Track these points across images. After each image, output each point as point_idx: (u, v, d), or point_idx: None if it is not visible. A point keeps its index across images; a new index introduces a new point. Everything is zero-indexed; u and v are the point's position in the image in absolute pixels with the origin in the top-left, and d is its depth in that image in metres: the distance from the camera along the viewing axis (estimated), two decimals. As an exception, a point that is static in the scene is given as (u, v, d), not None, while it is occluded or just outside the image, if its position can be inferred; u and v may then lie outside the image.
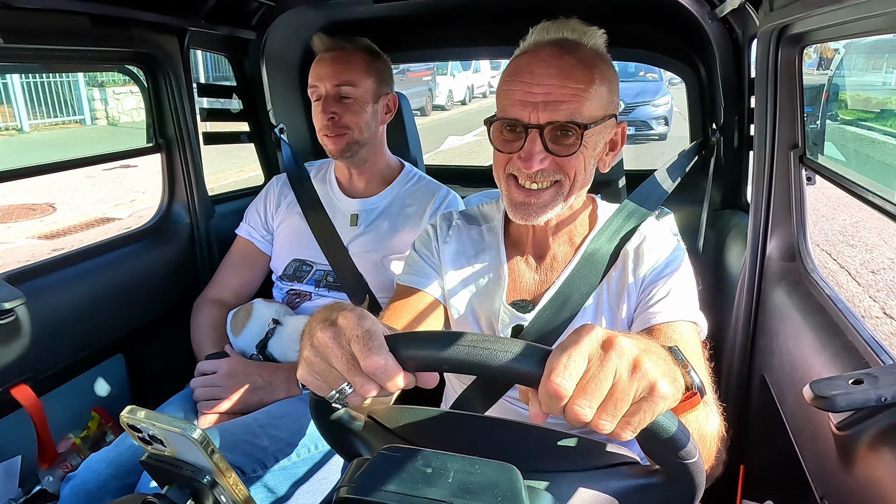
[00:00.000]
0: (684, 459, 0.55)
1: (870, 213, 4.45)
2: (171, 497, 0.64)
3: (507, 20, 1.79)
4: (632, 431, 0.52)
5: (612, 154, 1.00)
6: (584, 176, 0.94)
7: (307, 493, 1.22)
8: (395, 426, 0.69)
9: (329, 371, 0.57)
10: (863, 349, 0.90)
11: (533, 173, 0.90)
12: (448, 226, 1.13)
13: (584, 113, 0.89)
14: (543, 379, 0.51)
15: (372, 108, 1.49)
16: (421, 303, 1.06)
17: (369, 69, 1.48)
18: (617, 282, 1.00)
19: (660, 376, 0.51)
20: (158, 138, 1.64)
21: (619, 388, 0.51)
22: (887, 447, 0.71)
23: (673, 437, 0.53)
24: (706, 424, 0.72)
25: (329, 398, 0.58)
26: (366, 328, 0.56)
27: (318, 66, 1.47)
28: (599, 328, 0.54)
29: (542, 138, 0.89)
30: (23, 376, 1.26)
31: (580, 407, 0.50)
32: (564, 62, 0.89)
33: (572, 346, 0.51)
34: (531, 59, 0.91)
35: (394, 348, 0.56)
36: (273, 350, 1.43)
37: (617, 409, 0.51)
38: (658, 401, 0.51)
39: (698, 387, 0.59)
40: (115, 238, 1.57)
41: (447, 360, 0.55)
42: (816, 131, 5.27)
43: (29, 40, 1.24)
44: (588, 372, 0.51)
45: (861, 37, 0.99)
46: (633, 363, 0.51)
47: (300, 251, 1.56)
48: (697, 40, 1.59)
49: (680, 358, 0.60)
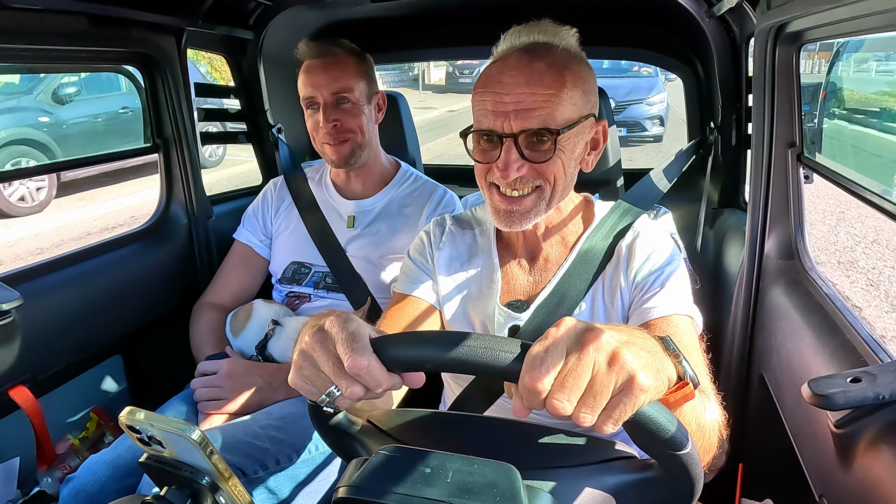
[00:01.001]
0: (675, 450, 0.55)
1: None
2: (170, 499, 0.63)
3: (507, 19, 1.79)
4: (613, 424, 0.52)
5: (595, 153, 1.00)
6: (564, 179, 0.94)
7: (308, 495, 1.22)
8: (394, 430, 0.70)
9: (317, 375, 0.58)
10: (861, 347, 0.90)
11: (512, 181, 0.90)
12: (441, 232, 1.13)
13: (558, 118, 0.88)
14: (522, 373, 0.52)
15: (368, 109, 1.49)
16: (417, 309, 1.06)
17: (359, 71, 1.47)
18: (611, 279, 1.00)
19: (639, 368, 0.51)
20: (156, 138, 1.63)
21: (597, 381, 0.51)
22: (885, 445, 0.71)
23: (660, 428, 0.53)
24: (704, 414, 0.72)
25: (320, 402, 0.59)
26: (350, 330, 0.57)
27: (309, 74, 1.45)
28: (580, 321, 0.54)
29: (518, 146, 0.89)
30: (21, 377, 1.26)
31: (559, 401, 0.51)
32: (534, 68, 0.88)
33: (550, 341, 0.52)
34: (501, 67, 0.91)
35: (378, 350, 0.56)
36: (273, 351, 1.43)
37: (597, 402, 0.51)
38: (637, 393, 0.51)
39: (691, 377, 0.59)
40: (113, 239, 1.57)
41: (430, 360, 0.56)
42: (814, 130, 5.27)
43: (26, 40, 1.24)
44: (566, 366, 0.51)
45: (858, 35, 0.99)
46: (612, 355, 0.51)
47: (298, 254, 1.56)
48: (695, 39, 1.59)
49: (671, 348, 0.60)
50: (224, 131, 2.06)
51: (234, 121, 1.97)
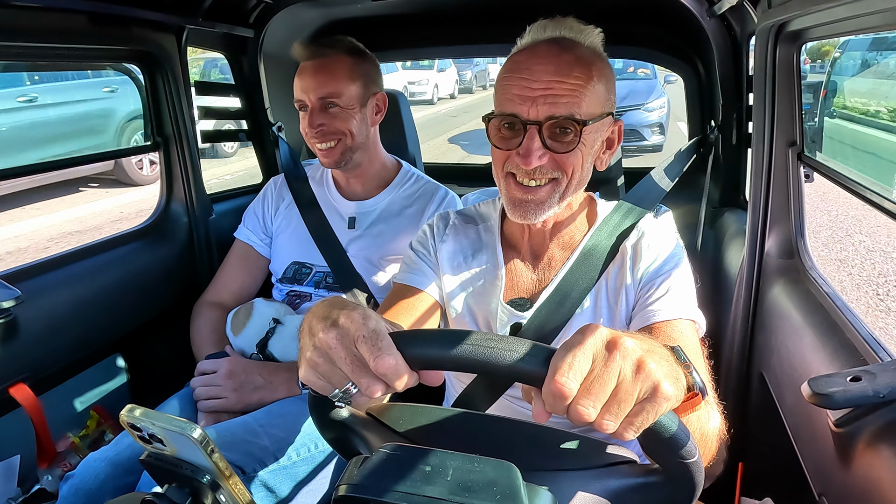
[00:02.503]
0: (685, 459, 0.55)
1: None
2: (170, 496, 0.64)
3: (505, 18, 1.79)
4: (634, 431, 0.52)
5: (609, 152, 1.01)
6: (581, 174, 0.94)
7: (308, 493, 1.22)
8: (394, 423, 0.69)
9: (334, 372, 0.57)
10: (861, 346, 0.90)
11: (531, 170, 0.90)
12: (445, 225, 1.13)
13: (583, 109, 0.89)
14: (548, 378, 0.51)
15: (360, 112, 1.46)
16: (418, 302, 1.06)
17: (354, 73, 1.44)
18: (615, 279, 1.00)
19: (663, 377, 0.51)
20: (156, 136, 1.63)
21: (622, 389, 0.51)
22: (885, 444, 0.71)
23: (674, 437, 0.54)
24: (707, 423, 0.72)
25: (332, 397, 0.58)
26: (371, 328, 0.56)
27: (300, 77, 1.44)
28: (604, 328, 0.54)
29: (541, 135, 0.89)
30: (21, 375, 1.26)
31: (584, 407, 0.50)
32: (563, 59, 0.89)
33: (577, 346, 0.51)
34: (529, 55, 0.91)
35: (400, 347, 0.56)
36: (273, 349, 1.43)
37: (620, 409, 0.51)
38: (661, 401, 0.51)
39: (700, 387, 0.59)
40: (113, 237, 1.57)
41: (453, 359, 0.55)
42: (815, 129, 5.27)
43: (26, 38, 1.23)
44: (592, 372, 0.51)
45: (859, 34, 0.99)
46: (637, 364, 0.51)
47: (299, 254, 1.55)
48: (695, 38, 1.59)
49: (682, 358, 0.60)
50: (224, 130, 2.06)
51: (235, 119, 1.97)
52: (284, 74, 1.98)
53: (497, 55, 2.10)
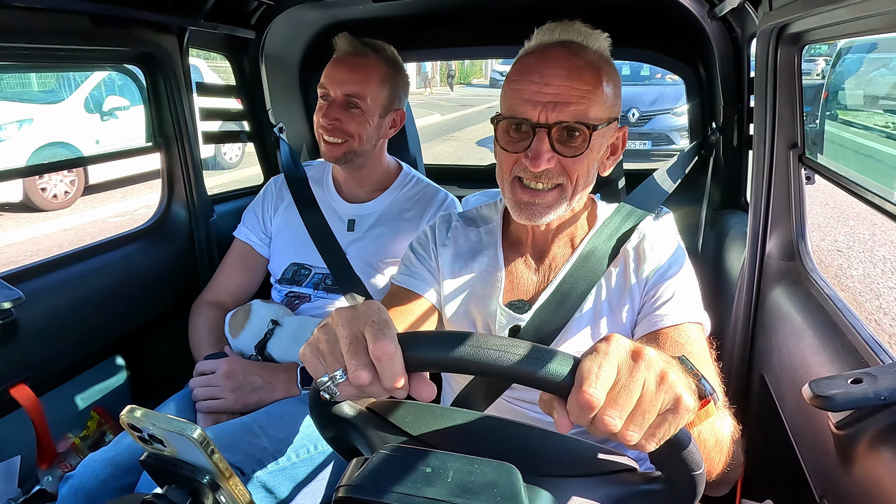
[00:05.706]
0: (694, 470, 0.55)
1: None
2: (170, 497, 0.63)
3: (507, 20, 1.79)
4: (656, 443, 0.52)
5: (613, 158, 1.01)
6: (586, 179, 0.94)
7: (307, 494, 1.22)
8: (394, 419, 0.69)
9: (331, 352, 0.57)
10: (862, 349, 0.90)
11: (539, 173, 0.90)
12: (447, 228, 1.13)
13: (592, 115, 0.89)
14: (575, 388, 0.50)
15: (377, 121, 1.46)
16: (416, 304, 1.06)
17: (385, 82, 1.44)
18: (617, 281, 1.00)
19: (684, 389, 0.51)
20: (158, 137, 1.63)
21: (646, 400, 0.51)
22: (886, 446, 0.71)
23: (688, 450, 0.54)
24: (722, 429, 0.72)
25: (319, 384, 0.57)
26: (383, 317, 0.56)
27: (333, 66, 1.43)
28: (625, 338, 0.53)
29: (550, 138, 0.89)
30: (22, 376, 1.26)
31: (610, 417, 0.50)
32: (573, 63, 0.89)
33: (602, 356, 0.51)
34: (540, 58, 0.91)
35: (405, 345, 0.55)
36: (272, 351, 1.43)
37: (644, 420, 0.51)
38: (683, 413, 0.51)
39: (711, 394, 0.59)
40: (114, 238, 1.57)
41: (458, 362, 0.55)
42: (816, 131, 5.28)
43: (28, 39, 1.24)
44: (618, 382, 0.51)
45: (860, 36, 0.99)
46: (661, 375, 0.51)
47: (298, 255, 1.55)
48: (697, 40, 1.59)
49: (690, 367, 0.59)
50: (225, 131, 2.06)
51: (237, 120, 1.97)
52: (286, 76, 1.99)
53: (498, 57, 2.10)
